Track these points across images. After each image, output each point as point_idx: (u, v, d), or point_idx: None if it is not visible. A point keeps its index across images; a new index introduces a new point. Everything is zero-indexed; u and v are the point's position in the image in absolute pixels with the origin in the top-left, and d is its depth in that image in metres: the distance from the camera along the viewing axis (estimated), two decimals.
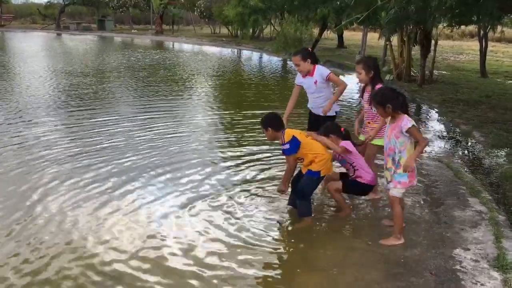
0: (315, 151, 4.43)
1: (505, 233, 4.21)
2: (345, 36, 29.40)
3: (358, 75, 4.99)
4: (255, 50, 28.49)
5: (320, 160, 4.42)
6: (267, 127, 4.53)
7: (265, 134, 4.67)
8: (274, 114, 4.75)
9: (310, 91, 5.41)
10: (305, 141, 4.46)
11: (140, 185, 5.35)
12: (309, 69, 5.28)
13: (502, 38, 25.84)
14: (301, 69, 5.30)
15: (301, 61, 5.24)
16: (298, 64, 5.28)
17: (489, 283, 3.44)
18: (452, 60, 21.39)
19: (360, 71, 4.91)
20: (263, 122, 4.60)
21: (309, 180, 4.50)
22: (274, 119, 4.58)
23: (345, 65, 19.46)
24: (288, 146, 4.40)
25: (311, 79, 5.30)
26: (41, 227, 4.29)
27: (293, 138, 4.40)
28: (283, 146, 4.45)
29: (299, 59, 5.25)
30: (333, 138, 4.63)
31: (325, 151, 4.52)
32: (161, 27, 42.56)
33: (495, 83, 14.11)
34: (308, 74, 5.31)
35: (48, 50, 24.66)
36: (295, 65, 5.35)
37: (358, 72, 4.99)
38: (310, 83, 5.34)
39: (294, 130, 4.57)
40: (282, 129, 4.52)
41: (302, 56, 5.25)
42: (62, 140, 7.09)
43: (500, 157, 6.59)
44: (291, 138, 4.39)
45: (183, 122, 8.63)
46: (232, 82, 15.04)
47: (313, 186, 4.56)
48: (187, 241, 4.10)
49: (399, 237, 4.10)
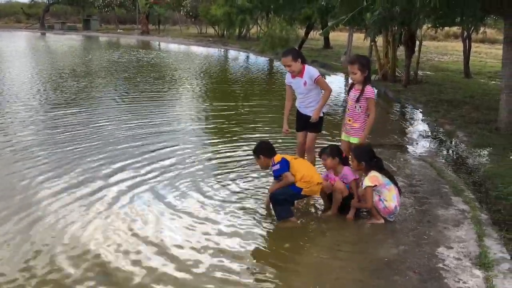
0: (303, 173, 4.47)
1: (487, 231, 4.25)
2: (331, 37, 29.55)
3: (353, 75, 4.92)
4: (242, 50, 28.50)
5: (305, 181, 4.46)
6: (259, 155, 4.65)
7: (257, 163, 4.80)
8: (265, 142, 4.88)
9: (299, 91, 5.40)
10: (294, 163, 4.53)
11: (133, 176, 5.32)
12: (300, 69, 5.21)
13: (485, 39, 26.23)
14: (293, 69, 5.19)
15: (292, 61, 5.14)
16: (290, 65, 5.16)
17: (471, 281, 3.47)
18: (436, 60, 21.63)
19: (356, 71, 4.86)
20: (255, 151, 4.73)
21: (287, 190, 4.49)
22: (265, 147, 4.71)
23: (331, 65, 19.56)
24: (278, 167, 4.50)
25: (300, 80, 5.26)
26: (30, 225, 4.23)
27: (282, 159, 4.51)
28: (273, 167, 4.55)
29: (290, 59, 5.13)
30: (337, 161, 4.72)
31: (316, 176, 4.55)
32: (147, 27, 42.41)
33: (479, 84, 14.28)
34: (298, 75, 5.28)
35: (34, 50, 24.37)
36: (286, 66, 5.20)
37: (352, 72, 4.92)
38: (299, 83, 5.30)
39: (284, 155, 4.65)
40: (273, 155, 4.62)
41: (293, 56, 5.15)
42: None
43: (483, 157, 6.66)
44: (280, 160, 4.51)
45: (171, 118, 8.60)
46: (220, 80, 15.02)
47: (287, 196, 4.50)
48: (172, 241, 4.07)
49: (379, 217, 4.47)
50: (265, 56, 23.54)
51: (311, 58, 21.82)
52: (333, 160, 4.70)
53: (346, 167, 4.72)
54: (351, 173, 4.68)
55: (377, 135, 7.81)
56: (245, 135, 7.68)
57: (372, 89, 4.94)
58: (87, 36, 38.82)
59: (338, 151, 4.79)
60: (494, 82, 14.50)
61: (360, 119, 4.97)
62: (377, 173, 4.47)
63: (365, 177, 4.51)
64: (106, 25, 51.03)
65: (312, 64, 20.66)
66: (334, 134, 7.47)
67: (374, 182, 4.41)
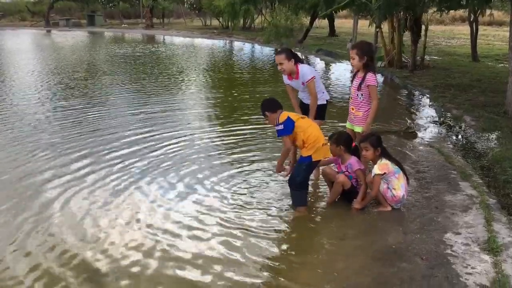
0: (308, 135, 4.37)
1: (495, 216, 4.22)
2: (336, 24, 29.37)
3: (352, 60, 4.90)
4: (247, 41, 28.39)
5: (311, 143, 4.36)
6: (265, 112, 4.54)
7: (267, 121, 4.64)
8: (267, 98, 4.75)
9: (300, 89, 5.39)
10: (300, 122, 4.41)
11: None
12: (291, 69, 5.11)
13: (492, 22, 25.85)
14: (283, 68, 5.11)
15: (285, 60, 5.06)
16: (282, 63, 5.09)
17: (479, 266, 3.45)
18: (443, 45, 21.41)
19: (354, 56, 4.82)
20: (261, 109, 4.60)
21: (299, 167, 4.48)
22: (268, 102, 4.60)
23: (336, 53, 19.43)
24: (282, 127, 4.37)
25: (297, 81, 5.22)
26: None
27: (288, 118, 4.37)
28: (276, 127, 4.42)
29: (283, 57, 5.06)
30: (342, 150, 4.63)
31: (321, 136, 4.46)
32: (151, 21, 42.36)
33: (486, 67, 14.12)
34: (294, 77, 5.22)
35: (41, 47, 24.47)
36: (278, 64, 5.14)
37: (352, 57, 4.89)
38: (298, 84, 5.28)
39: (290, 113, 4.52)
40: (279, 109, 4.49)
41: (287, 55, 5.07)
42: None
43: (491, 141, 6.60)
44: (286, 119, 4.37)
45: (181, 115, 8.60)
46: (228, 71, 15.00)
47: (304, 173, 4.47)
48: (178, 228, 4.09)
49: (386, 205, 4.46)
50: (270, 46, 23.43)
51: (316, 46, 21.73)
52: (336, 147, 4.64)
53: (353, 157, 4.66)
54: (356, 163, 4.62)
55: (384, 121, 7.76)
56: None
57: (374, 76, 4.85)
58: (92, 32, 38.86)
59: (346, 139, 4.69)
60: (502, 65, 14.33)
61: (363, 107, 4.92)
62: (387, 161, 4.43)
63: (375, 165, 4.46)
64: (111, 20, 51.02)
65: (317, 53, 20.54)
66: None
67: (383, 170, 4.38)
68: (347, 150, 4.66)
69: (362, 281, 3.35)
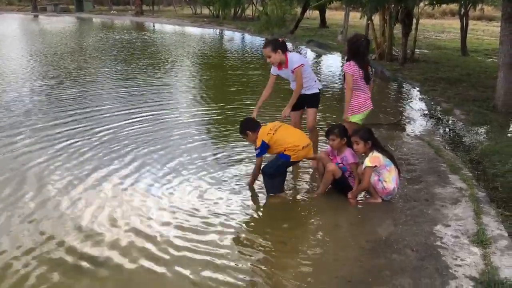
0: (286, 145, 4.50)
1: (484, 209, 4.26)
2: (327, 16, 29.26)
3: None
4: (238, 30, 28.22)
5: (290, 149, 4.49)
6: (245, 132, 4.71)
7: (246, 140, 4.88)
8: (247, 118, 4.97)
9: (290, 79, 5.37)
10: (275, 139, 4.53)
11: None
12: (281, 59, 5.11)
13: (482, 16, 26.02)
14: (272, 61, 5.12)
15: (271, 52, 5.06)
16: (269, 56, 5.09)
17: (469, 258, 3.48)
18: (433, 38, 21.47)
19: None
20: (240, 130, 4.79)
21: (276, 160, 4.60)
22: (246, 123, 4.79)
23: (327, 44, 19.41)
24: (258, 151, 4.60)
25: (287, 70, 5.21)
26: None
27: (262, 143, 4.54)
28: (256, 150, 4.65)
29: (269, 50, 5.06)
30: (343, 142, 4.66)
31: (300, 141, 4.54)
32: (140, 7, 41.85)
33: (476, 61, 14.21)
34: (283, 66, 5.20)
35: (29, 33, 24.08)
36: (266, 56, 5.15)
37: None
38: (287, 74, 5.26)
39: (265, 130, 4.60)
40: (257, 128, 4.66)
41: (272, 47, 5.06)
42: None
43: (480, 135, 6.66)
44: (261, 144, 4.54)
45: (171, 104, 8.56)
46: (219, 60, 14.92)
47: (277, 167, 4.57)
48: (161, 225, 4.08)
49: (377, 197, 4.49)
50: (261, 36, 23.31)
51: (306, 37, 21.66)
52: (341, 141, 4.66)
53: (349, 149, 4.67)
54: (351, 156, 4.64)
55: (374, 114, 7.76)
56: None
57: (349, 64, 5.09)
58: (80, 18, 38.33)
59: (346, 131, 4.72)
60: (491, 59, 14.43)
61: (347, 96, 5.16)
62: (379, 154, 4.45)
63: (366, 158, 4.47)
64: (99, 6, 50.34)
65: (308, 44, 20.47)
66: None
67: (374, 162, 4.39)
68: (346, 143, 4.68)
69: (354, 272, 3.37)
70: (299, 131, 4.82)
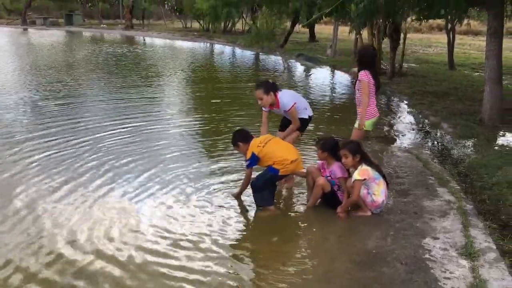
0: (275, 159, 4.54)
1: (472, 222, 4.29)
2: (316, 30, 29.59)
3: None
4: (228, 44, 28.38)
5: (278, 162, 4.53)
6: (237, 143, 4.76)
7: (237, 151, 4.94)
8: (239, 130, 5.03)
9: (282, 113, 5.41)
10: (265, 152, 4.56)
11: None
12: (272, 102, 5.15)
13: (469, 31, 26.46)
14: (263, 103, 5.15)
15: (263, 94, 5.09)
16: (261, 98, 5.11)
17: (457, 271, 3.50)
18: (421, 53, 21.77)
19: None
20: (232, 140, 4.83)
21: (265, 173, 4.61)
22: (238, 134, 4.84)
23: (317, 58, 19.57)
24: (248, 162, 4.67)
25: (278, 110, 5.27)
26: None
27: (252, 155, 4.58)
28: (245, 162, 4.73)
29: (261, 92, 5.09)
30: (327, 155, 4.68)
31: (289, 155, 4.57)
32: (131, 21, 41.96)
33: (463, 75, 14.41)
34: (274, 106, 5.23)
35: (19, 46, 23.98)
36: (258, 99, 5.17)
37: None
38: (279, 111, 5.34)
39: (256, 142, 4.65)
40: (249, 140, 4.71)
41: (265, 90, 5.09)
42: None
43: (468, 148, 6.73)
44: (251, 156, 4.59)
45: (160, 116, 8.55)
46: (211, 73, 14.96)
47: (264, 180, 4.58)
48: (150, 239, 4.05)
49: (366, 210, 4.51)
50: (251, 50, 23.46)
51: (297, 51, 21.83)
52: (323, 153, 4.68)
53: (337, 163, 4.67)
54: (339, 170, 4.64)
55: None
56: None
57: (365, 73, 5.17)
58: (70, 32, 38.29)
59: (332, 145, 4.70)
60: (478, 73, 14.64)
61: (361, 104, 5.26)
62: (368, 167, 4.47)
63: (355, 171, 4.47)
64: (89, 20, 50.36)
65: (298, 58, 20.59)
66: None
67: (364, 175, 4.41)
68: (332, 156, 4.69)
69: (344, 285, 3.37)
70: (289, 145, 4.85)
